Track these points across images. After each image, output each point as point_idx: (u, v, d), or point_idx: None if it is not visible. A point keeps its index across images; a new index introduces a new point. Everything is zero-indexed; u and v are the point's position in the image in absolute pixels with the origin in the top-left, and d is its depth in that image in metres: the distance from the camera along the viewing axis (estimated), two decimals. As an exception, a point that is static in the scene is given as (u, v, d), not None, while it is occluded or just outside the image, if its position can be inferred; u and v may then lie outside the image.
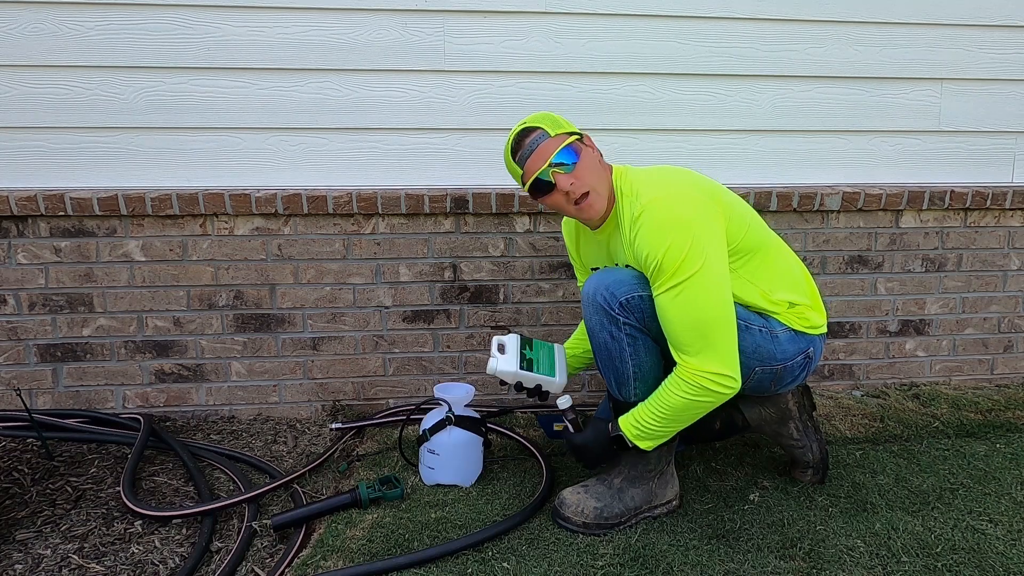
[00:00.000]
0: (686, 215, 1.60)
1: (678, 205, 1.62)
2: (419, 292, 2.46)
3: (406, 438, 2.20)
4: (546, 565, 1.64)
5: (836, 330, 2.63)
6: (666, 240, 1.58)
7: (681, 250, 1.58)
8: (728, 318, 1.63)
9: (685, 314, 1.60)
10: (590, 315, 1.72)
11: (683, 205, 1.62)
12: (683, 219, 1.60)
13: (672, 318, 1.62)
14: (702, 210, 1.63)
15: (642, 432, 1.69)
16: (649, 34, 2.44)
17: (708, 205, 1.65)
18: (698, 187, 1.68)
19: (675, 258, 1.58)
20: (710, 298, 1.60)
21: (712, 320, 1.61)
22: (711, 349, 1.61)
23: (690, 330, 1.61)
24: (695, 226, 1.60)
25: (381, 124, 2.41)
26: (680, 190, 1.66)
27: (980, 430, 2.35)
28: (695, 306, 1.59)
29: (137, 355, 2.41)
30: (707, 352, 1.61)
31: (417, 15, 2.34)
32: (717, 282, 1.61)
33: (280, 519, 1.80)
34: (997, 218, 2.63)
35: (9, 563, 1.70)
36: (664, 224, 1.60)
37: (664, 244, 1.58)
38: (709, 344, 1.61)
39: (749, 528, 1.79)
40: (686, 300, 1.59)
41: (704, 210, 1.63)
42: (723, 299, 1.62)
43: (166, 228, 2.33)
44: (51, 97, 2.29)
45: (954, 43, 2.55)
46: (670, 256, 1.58)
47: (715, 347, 1.61)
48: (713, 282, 1.60)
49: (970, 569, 1.63)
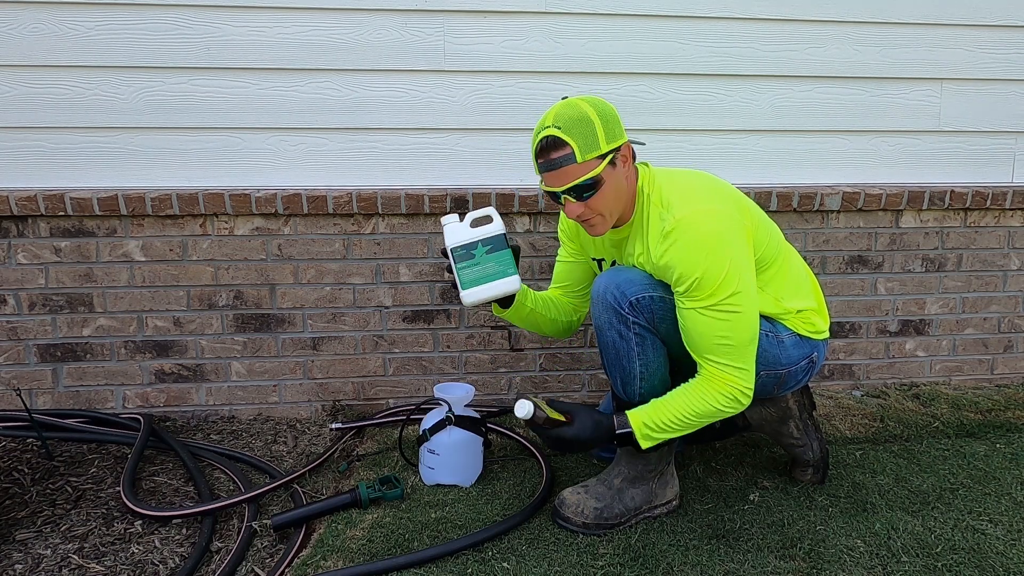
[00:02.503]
0: (723, 234, 1.58)
1: (714, 222, 1.59)
2: (419, 292, 2.46)
3: (406, 438, 2.20)
4: (546, 565, 1.64)
5: (836, 330, 2.63)
6: (704, 260, 1.56)
7: (721, 271, 1.56)
8: (757, 334, 1.65)
9: (719, 331, 1.60)
10: (599, 313, 1.71)
11: (719, 222, 1.59)
12: (720, 239, 1.58)
13: (703, 332, 1.61)
14: (736, 227, 1.62)
15: (655, 430, 1.65)
16: (649, 34, 2.44)
17: (739, 220, 1.63)
18: (729, 200, 1.66)
19: (714, 279, 1.56)
20: (745, 318, 1.61)
21: (749, 340, 1.62)
22: (747, 364, 1.63)
23: (722, 344, 1.61)
24: (733, 246, 1.59)
25: (381, 124, 2.41)
26: (713, 206, 1.61)
27: (980, 430, 2.35)
28: (731, 325, 1.59)
29: (137, 355, 2.41)
30: (743, 367, 1.62)
31: (417, 15, 2.34)
32: (752, 302, 1.62)
33: (280, 519, 1.80)
34: (997, 218, 2.63)
35: (9, 563, 1.70)
36: (701, 244, 1.57)
37: (702, 264, 1.56)
38: (744, 360, 1.62)
39: (749, 528, 1.79)
40: (723, 319, 1.59)
41: (737, 226, 1.62)
42: (755, 316, 1.63)
43: (166, 228, 2.33)
44: (51, 97, 2.29)
45: (954, 43, 2.55)
46: (709, 276, 1.56)
47: (749, 363, 1.63)
48: (749, 302, 1.61)
49: (970, 569, 1.63)
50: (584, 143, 1.57)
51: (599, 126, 1.58)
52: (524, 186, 2.45)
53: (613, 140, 1.60)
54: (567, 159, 1.57)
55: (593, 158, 1.58)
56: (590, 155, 1.57)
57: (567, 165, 1.58)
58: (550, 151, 1.58)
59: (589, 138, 1.57)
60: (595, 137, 1.57)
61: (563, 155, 1.57)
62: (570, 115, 1.58)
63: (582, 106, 1.59)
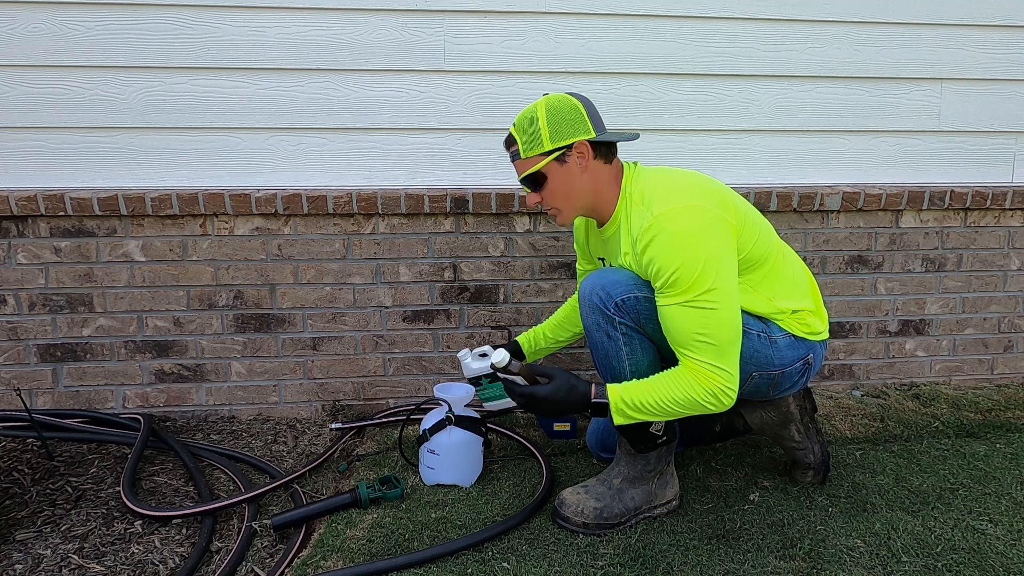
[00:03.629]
0: (699, 231, 1.58)
1: (691, 218, 1.59)
2: (419, 292, 2.46)
3: (406, 438, 2.20)
4: (546, 565, 1.64)
5: (836, 330, 2.63)
6: (680, 255, 1.56)
7: (696, 266, 1.56)
8: (739, 333, 1.63)
9: (696, 327, 1.58)
10: (586, 314, 1.72)
11: (696, 218, 1.59)
12: (697, 235, 1.58)
13: (681, 327, 1.60)
14: (716, 223, 1.61)
15: (631, 408, 1.63)
16: (649, 34, 2.44)
17: (721, 217, 1.62)
18: (711, 196, 1.65)
19: (690, 274, 1.56)
20: (723, 315, 1.59)
21: (730, 341, 1.61)
22: (729, 366, 1.61)
23: (701, 341, 1.59)
24: (710, 243, 1.58)
25: (381, 124, 2.41)
26: (692, 202, 1.62)
27: (980, 430, 2.35)
28: (707, 322, 1.58)
29: (137, 355, 2.41)
30: (725, 367, 1.60)
31: (417, 15, 2.34)
32: (730, 300, 1.60)
33: (280, 519, 1.80)
34: (997, 218, 2.63)
35: (9, 563, 1.70)
36: (677, 239, 1.57)
37: (678, 260, 1.56)
38: (725, 360, 1.60)
39: (749, 528, 1.79)
40: (699, 315, 1.58)
41: (718, 223, 1.61)
42: (736, 314, 1.62)
43: (166, 228, 2.33)
44: (51, 97, 2.29)
45: (954, 43, 2.55)
46: (685, 272, 1.56)
47: (731, 365, 1.61)
48: (727, 299, 1.59)
49: (970, 569, 1.63)
50: (527, 140, 1.69)
51: (543, 125, 1.68)
52: (524, 186, 2.45)
53: (560, 139, 1.68)
54: (515, 155, 1.73)
55: (536, 155, 1.69)
56: (532, 152, 1.69)
57: (516, 160, 1.74)
58: (507, 146, 1.76)
59: (533, 136, 1.68)
60: (538, 135, 1.68)
61: (513, 151, 1.73)
62: (523, 113, 1.72)
63: (536, 105, 1.71)
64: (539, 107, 1.69)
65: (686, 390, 1.60)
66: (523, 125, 1.70)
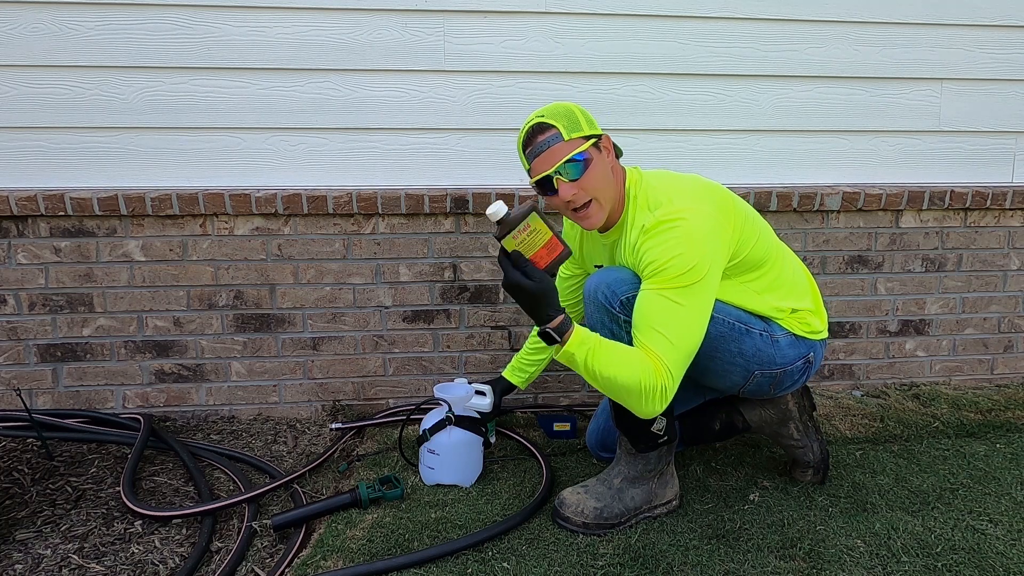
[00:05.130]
0: (698, 232, 1.59)
1: (692, 221, 1.60)
2: (419, 292, 2.46)
3: (406, 438, 2.20)
4: (546, 565, 1.64)
5: (836, 330, 2.63)
6: (673, 251, 1.57)
7: (685, 265, 1.56)
8: (694, 348, 1.61)
9: (659, 315, 1.57)
10: (591, 312, 1.72)
11: (697, 221, 1.60)
12: (695, 236, 1.58)
13: (645, 312, 1.58)
14: (715, 228, 1.62)
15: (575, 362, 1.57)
16: (649, 34, 2.44)
17: (719, 221, 1.64)
18: (710, 201, 1.66)
19: (675, 269, 1.56)
20: (688, 316, 1.57)
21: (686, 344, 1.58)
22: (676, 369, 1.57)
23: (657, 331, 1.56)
24: (705, 246, 1.59)
25: (381, 124, 2.41)
26: (691, 204, 1.63)
27: (980, 430, 2.35)
28: (671, 316, 1.56)
29: (137, 355, 2.41)
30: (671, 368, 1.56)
31: (417, 15, 2.34)
32: (702, 305, 1.59)
33: (280, 519, 1.80)
34: (997, 218, 2.63)
35: (9, 563, 1.70)
36: (676, 238, 1.58)
37: (670, 253, 1.57)
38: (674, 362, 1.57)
39: (749, 528, 1.79)
40: (666, 305, 1.57)
41: (717, 228, 1.62)
42: (698, 327, 1.60)
43: (166, 228, 2.33)
44: (51, 97, 2.29)
45: (954, 43, 2.55)
46: (674, 265, 1.56)
47: (677, 370, 1.58)
48: (698, 303, 1.58)
49: (970, 569, 1.63)
50: (568, 124, 1.65)
51: (580, 114, 1.68)
52: (524, 186, 2.45)
53: (593, 128, 1.69)
54: (555, 138, 1.64)
55: (579, 137, 1.65)
56: (575, 134, 1.65)
57: (554, 144, 1.64)
58: (536, 135, 1.65)
59: (573, 121, 1.66)
60: (578, 121, 1.66)
61: (550, 135, 1.64)
62: (551, 107, 1.69)
63: (556, 103, 1.70)
64: (562, 103, 1.70)
65: (634, 371, 1.55)
66: (557, 114, 1.66)
